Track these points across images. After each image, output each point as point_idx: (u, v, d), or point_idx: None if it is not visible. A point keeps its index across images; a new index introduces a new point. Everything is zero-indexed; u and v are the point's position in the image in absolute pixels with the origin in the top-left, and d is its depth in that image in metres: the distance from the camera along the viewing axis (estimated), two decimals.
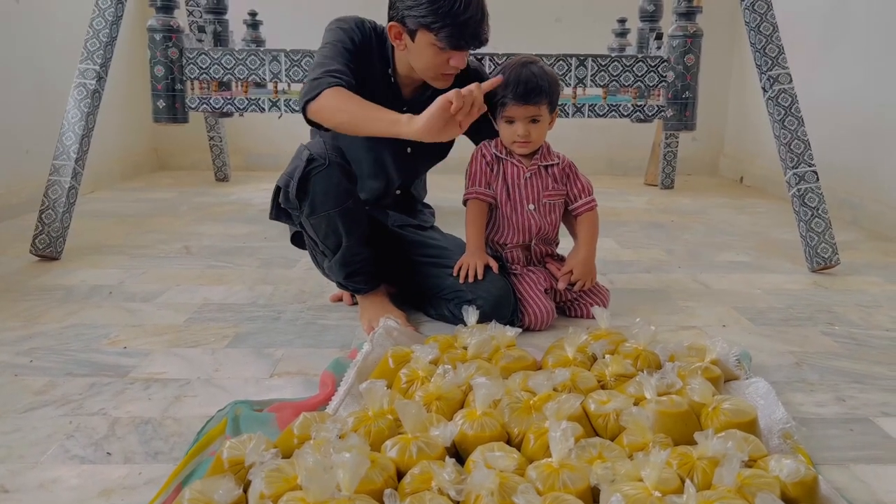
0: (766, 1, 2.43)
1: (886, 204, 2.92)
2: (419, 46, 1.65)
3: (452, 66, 1.67)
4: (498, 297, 1.72)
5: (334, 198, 1.65)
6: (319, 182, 1.63)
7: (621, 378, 1.34)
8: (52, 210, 2.35)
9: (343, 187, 1.66)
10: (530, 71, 1.74)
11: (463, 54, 1.67)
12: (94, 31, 2.46)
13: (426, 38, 1.62)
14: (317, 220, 1.67)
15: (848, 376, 1.54)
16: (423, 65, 1.68)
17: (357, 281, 1.79)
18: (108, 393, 1.40)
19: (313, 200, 1.65)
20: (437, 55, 1.64)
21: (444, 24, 1.58)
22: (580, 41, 3.96)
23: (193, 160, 4.49)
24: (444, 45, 1.61)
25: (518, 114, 1.75)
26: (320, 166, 1.63)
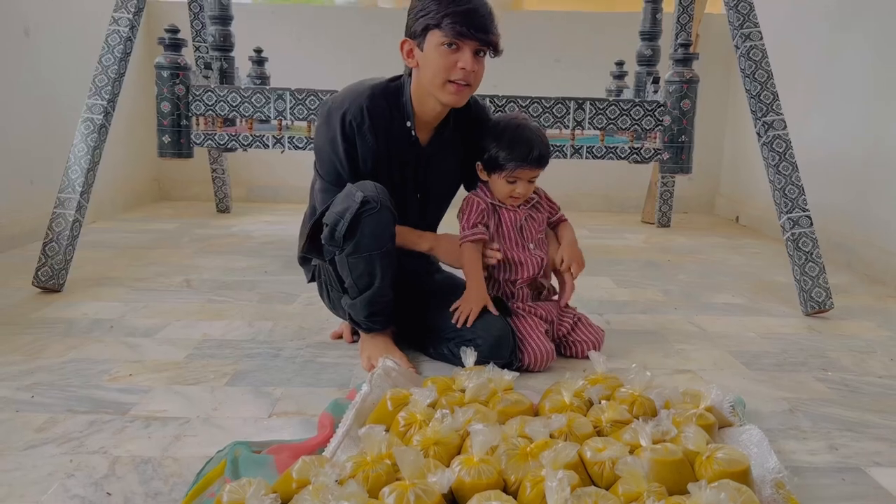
0: (760, 49, 2.49)
1: (879, 248, 2.96)
2: (427, 52, 1.67)
3: (460, 70, 1.66)
4: (497, 338, 1.74)
5: (380, 240, 1.68)
6: (370, 224, 1.65)
7: (617, 424, 1.36)
8: (55, 243, 2.38)
9: (389, 231, 1.69)
10: (534, 134, 1.81)
11: (470, 55, 1.66)
12: (103, 67, 2.51)
13: (434, 38, 1.64)
14: (356, 259, 1.69)
15: (840, 424, 1.56)
16: (431, 72, 1.67)
17: (376, 321, 1.81)
18: (108, 431, 1.41)
19: (360, 241, 1.67)
20: (444, 56, 1.65)
21: (446, 12, 1.61)
22: (579, 81, 4.05)
23: (195, 191, 4.53)
24: (450, 35, 1.62)
25: (525, 176, 1.82)
26: (372, 209, 1.64)
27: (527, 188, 1.84)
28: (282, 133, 2.70)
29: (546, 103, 2.67)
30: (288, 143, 2.69)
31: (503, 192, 1.85)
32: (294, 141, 2.69)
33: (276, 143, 2.70)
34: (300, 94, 2.65)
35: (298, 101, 2.65)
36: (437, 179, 1.90)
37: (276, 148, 2.71)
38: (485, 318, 1.78)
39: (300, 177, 4.49)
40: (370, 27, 4.37)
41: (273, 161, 4.47)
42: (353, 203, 1.64)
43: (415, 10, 1.68)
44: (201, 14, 3.52)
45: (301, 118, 2.67)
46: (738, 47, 2.51)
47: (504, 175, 1.82)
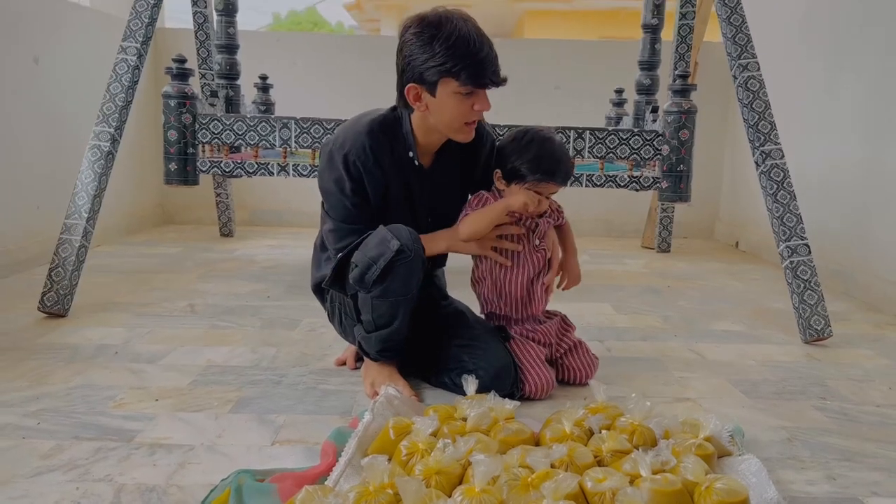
0: (758, 79, 2.53)
1: (877, 275, 2.98)
2: (441, 99, 1.68)
3: (476, 111, 1.70)
4: (498, 369, 1.76)
5: (408, 287, 1.71)
6: (402, 272, 1.67)
7: (617, 454, 1.38)
8: (61, 268, 2.41)
9: (418, 278, 1.72)
10: (561, 151, 1.83)
11: (485, 96, 1.70)
12: (111, 96, 2.56)
13: (448, 87, 1.65)
14: (381, 301, 1.71)
15: (839, 453, 1.57)
16: (448, 117, 1.70)
17: (386, 355, 1.83)
18: (114, 458, 1.43)
19: (389, 286, 1.68)
20: (461, 102, 1.67)
21: (464, 64, 1.62)
22: (579, 109, 4.11)
23: (198, 215, 4.57)
24: (468, 85, 1.64)
25: (548, 191, 1.83)
26: (406, 257, 1.66)
27: (545, 202, 1.85)
28: (286, 160, 2.74)
29: None
30: (293, 170, 2.73)
31: (526, 206, 1.82)
32: (298, 168, 2.73)
33: (280, 170, 2.73)
34: (305, 122, 2.69)
35: (303, 130, 2.69)
36: (443, 200, 1.91)
37: (280, 175, 2.75)
38: (486, 349, 1.80)
39: (303, 201, 4.55)
40: (373, 54, 4.43)
41: (276, 185, 4.52)
42: (387, 250, 1.64)
43: (418, 58, 1.65)
44: (207, 42, 3.58)
45: (305, 146, 2.71)
46: (736, 77, 2.56)
47: (526, 187, 1.81)
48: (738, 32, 2.58)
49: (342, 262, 1.76)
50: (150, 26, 2.62)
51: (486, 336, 1.86)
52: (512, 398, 1.63)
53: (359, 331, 1.83)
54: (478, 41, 1.64)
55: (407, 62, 1.69)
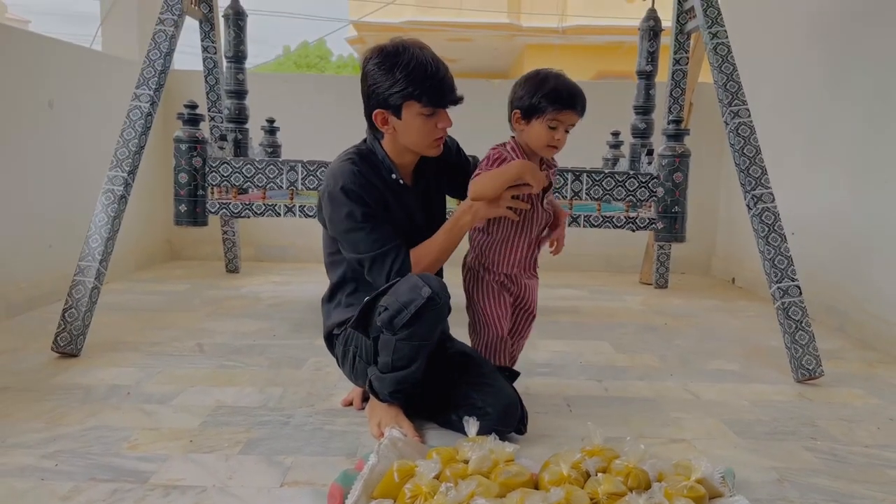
0: (749, 125, 2.63)
1: (870, 313, 3.05)
2: (407, 121, 1.82)
3: (441, 129, 1.84)
4: (507, 406, 1.83)
5: (434, 333, 1.79)
6: (431, 319, 1.73)
7: (613, 496, 1.44)
8: (74, 309, 2.48)
9: (443, 325, 1.84)
10: (575, 84, 1.90)
11: (446, 115, 1.85)
12: (125, 141, 2.65)
13: (412, 109, 1.80)
14: (405, 344, 1.76)
15: (827, 495, 1.63)
16: (415, 137, 1.84)
17: (397, 397, 1.88)
18: (130, 500, 1.49)
19: (416, 331, 1.74)
20: (425, 123, 1.82)
21: (423, 88, 1.77)
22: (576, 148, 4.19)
23: (205, 251, 4.66)
24: (429, 106, 1.78)
25: (567, 121, 1.88)
26: (435, 305, 1.72)
27: (564, 137, 1.90)
28: (293, 202, 2.83)
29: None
30: (299, 211, 2.82)
31: (542, 139, 1.89)
32: (305, 209, 2.82)
33: (287, 211, 2.82)
34: (311, 165, 2.78)
35: (310, 172, 2.79)
36: (436, 210, 2.06)
37: (287, 216, 2.83)
38: (495, 387, 1.87)
39: (308, 237, 4.64)
40: None
41: (281, 222, 4.61)
42: (418, 297, 1.70)
43: (382, 84, 1.79)
44: (217, 87, 3.69)
45: (312, 188, 2.80)
46: (728, 123, 2.65)
47: (546, 119, 1.86)
48: (729, 80, 2.68)
49: (368, 306, 1.83)
50: (162, 74, 2.73)
51: (494, 375, 1.93)
52: (519, 433, 1.77)
53: (373, 371, 1.88)
54: (434, 66, 1.79)
55: (371, 90, 1.82)
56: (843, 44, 3.37)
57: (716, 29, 2.74)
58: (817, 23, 3.59)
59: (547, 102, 1.86)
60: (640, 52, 3.47)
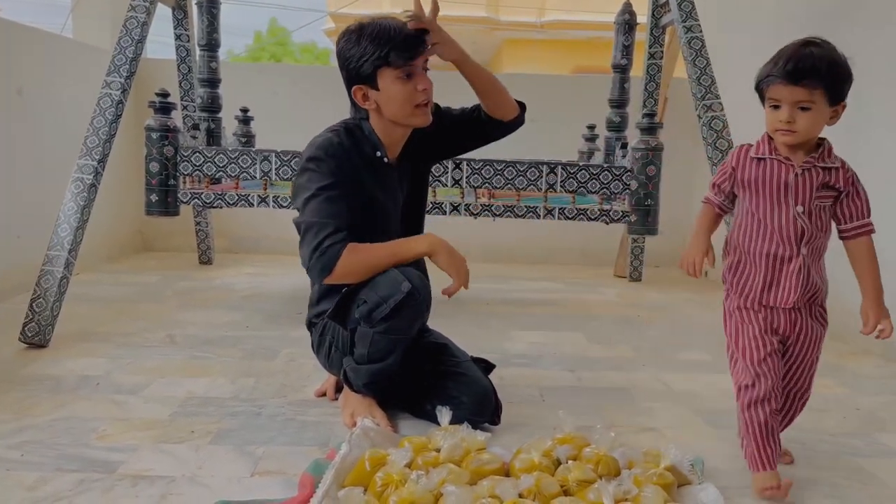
0: (721, 119, 2.67)
1: (841, 307, 3.09)
2: (385, 90, 1.79)
3: (422, 91, 1.80)
4: (481, 396, 1.84)
5: (412, 328, 1.79)
6: (410, 314, 1.73)
7: (583, 483, 1.45)
8: (43, 299, 2.44)
9: (422, 321, 1.82)
10: (808, 51, 1.54)
11: (423, 74, 1.81)
12: (94, 129, 2.61)
13: (386, 76, 1.78)
14: (383, 337, 1.75)
15: (795, 482, 1.64)
16: (397, 106, 1.81)
17: (372, 387, 1.87)
18: (97, 490, 1.47)
19: (395, 325, 1.73)
20: (404, 87, 1.78)
21: (390, 47, 1.74)
22: (553, 142, 4.21)
23: (178, 242, 4.60)
24: (401, 64, 1.75)
25: (783, 96, 1.56)
26: (415, 300, 1.71)
27: (792, 115, 1.56)
28: (267, 192, 2.81)
29: (520, 167, 2.81)
30: (273, 201, 2.80)
31: (769, 121, 1.62)
32: (279, 200, 2.80)
33: (261, 202, 2.80)
34: (285, 155, 2.76)
35: (283, 163, 2.77)
36: (413, 189, 2.01)
37: (261, 206, 2.81)
38: (469, 378, 1.87)
39: (282, 228, 4.57)
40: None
41: (255, 213, 4.55)
42: (398, 292, 1.68)
43: (353, 58, 1.78)
44: (190, 75, 3.65)
45: (286, 178, 2.78)
46: (701, 117, 2.68)
47: (768, 99, 1.62)
48: (703, 74, 2.70)
49: (346, 297, 1.81)
50: (133, 62, 2.69)
51: (469, 365, 1.94)
52: (493, 424, 1.78)
53: (348, 361, 1.87)
54: (397, 26, 1.77)
55: (345, 66, 1.82)
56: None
57: (690, 23, 2.77)
58: (791, 20, 3.63)
59: (760, 80, 1.67)
60: (616, 45, 3.48)
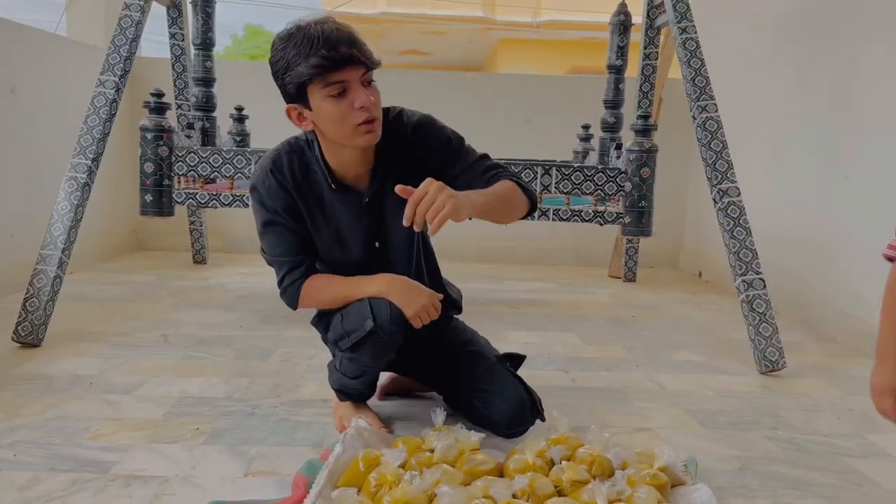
0: (716, 120, 2.66)
1: (833, 307, 3.11)
2: (317, 109, 1.55)
3: (360, 109, 1.53)
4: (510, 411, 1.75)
5: (377, 362, 1.74)
6: (371, 349, 1.66)
7: (577, 484, 1.45)
8: (36, 298, 2.43)
9: (390, 355, 1.72)
10: None
11: (360, 88, 1.54)
12: (88, 128, 2.60)
13: (315, 93, 1.53)
14: (351, 362, 1.73)
15: (787, 482, 1.66)
16: (333, 127, 1.56)
17: (339, 395, 1.88)
18: (90, 490, 1.47)
19: (359, 357, 1.69)
20: (337, 106, 1.53)
21: (309, 62, 1.48)
22: (548, 141, 4.22)
23: (172, 242, 4.60)
24: (323, 78, 1.49)
25: None
26: (378, 339, 1.62)
27: None
28: None
29: (515, 167, 2.80)
30: None
31: None
32: None
33: None
34: None
35: None
36: (390, 223, 1.74)
37: None
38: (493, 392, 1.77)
39: None
40: None
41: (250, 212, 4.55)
42: (360, 329, 1.62)
43: (279, 72, 1.55)
44: (184, 74, 3.64)
45: None
46: (695, 118, 2.68)
47: None
48: (697, 75, 2.71)
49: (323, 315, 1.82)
50: (128, 60, 2.68)
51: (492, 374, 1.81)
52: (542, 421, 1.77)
53: (336, 366, 1.84)
54: (323, 32, 1.49)
55: (277, 83, 1.59)
56: (809, 44, 3.42)
57: (685, 24, 2.77)
58: (784, 21, 3.64)
59: None
60: (611, 46, 3.49)
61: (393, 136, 1.67)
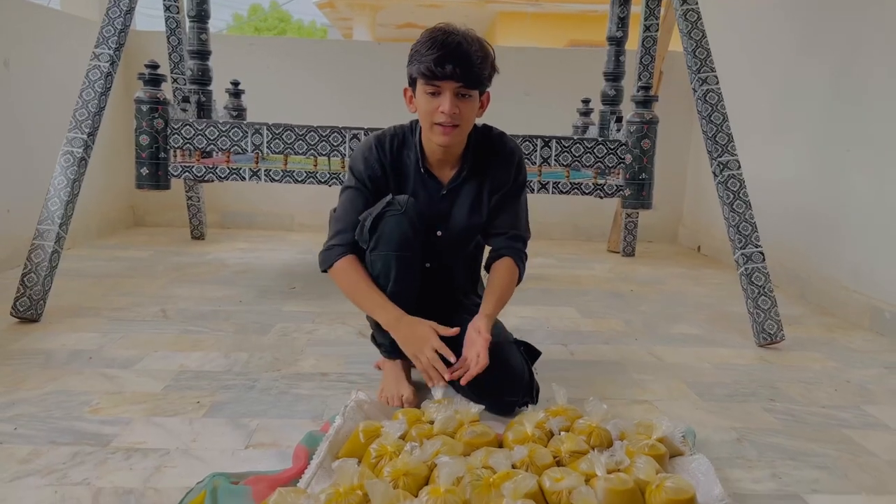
0: (717, 92, 2.64)
1: (830, 281, 3.11)
2: (417, 99, 1.80)
3: (440, 113, 1.74)
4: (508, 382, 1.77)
5: (396, 242, 1.79)
6: (389, 223, 1.78)
7: (575, 454, 1.45)
8: (34, 273, 2.42)
9: (406, 236, 1.79)
10: None
11: (450, 98, 1.72)
12: (84, 102, 2.58)
13: (420, 86, 1.76)
14: (376, 255, 1.81)
15: (784, 453, 1.67)
16: (422, 117, 1.81)
17: (383, 336, 1.87)
18: (90, 462, 1.47)
19: (380, 237, 1.79)
20: (428, 102, 1.75)
21: (422, 61, 1.71)
22: (547, 115, 4.19)
23: (169, 217, 4.58)
24: (424, 78, 1.72)
25: None
26: (396, 212, 1.78)
27: None
28: (258, 166, 2.78)
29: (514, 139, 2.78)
30: (265, 175, 2.77)
31: None
32: (270, 173, 2.77)
33: (252, 175, 2.78)
34: (277, 128, 2.74)
35: (275, 136, 2.74)
36: (456, 217, 1.93)
37: (252, 180, 2.79)
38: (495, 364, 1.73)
39: (274, 204, 4.59)
40: (345, 60, 4.48)
41: (247, 188, 4.54)
42: (381, 205, 1.80)
43: (409, 60, 1.78)
44: (179, 47, 3.60)
45: (277, 152, 2.75)
46: (696, 90, 2.66)
47: None
48: (698, 47, 2.68)
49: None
50: (122, 33, 2.65)
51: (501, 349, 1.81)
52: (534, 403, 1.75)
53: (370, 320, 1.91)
54: (440, 41, 1.71)
55: None
56: (811, 17, 3.39)
57: None
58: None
59: None
60: (611, 17, 3.45)
61: (484, 148, 1.93)
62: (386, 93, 3.69)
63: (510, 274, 1.92)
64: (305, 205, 4.48)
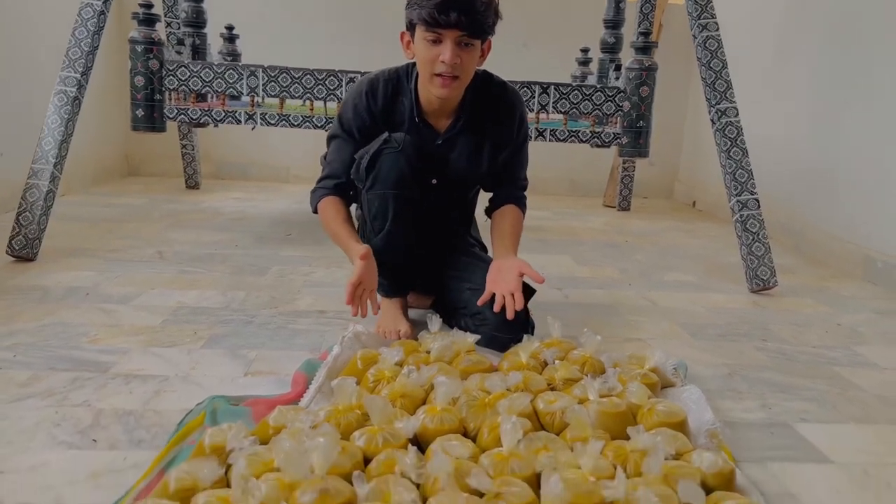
0: (716, 39, 2.62)
1: (824, 232, 3.13)
2: (416, 46, 1.73)
3: (441, 63, 1.68)
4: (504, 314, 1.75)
5: (393, 180, 1.78)
6: (386, 161, 1.77)
7: (569, 382, 1.47)
8: (29, 212, 2.42)
9: (403, 174, 1.78)
10: None
11: (451, 46, 1.66)
12: (77, 41, 2.54)
13: (418, 33, 1.69)
14: (373, 195, 1.81)
15: (774, 387, 1.69)
16: (420, 66, 1.74)
17: (383, 275, 1.85)
18: (90, 387, 1.49)
19: (377, 175, 1.78)
20: (428, 50, 1.68)
21: (421, 4, 1.64)
22: (545, 66, 4.15)
23: (164, 167, 4.55)
24: (425, 25, 1.64)
25: None
26: (392, 149, 1.77)
27: None
28: (254, 109, 2.76)
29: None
30: (261, 118, 2.75)
31: None
32: (266, 117, 2.75)
33: (248, 118, 2.76)
34: (272, 70, 2.71)
35: (271, 78, 2.71)
36: (453, 166, 1.90)
37: (248, 123, 2.77)
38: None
39: (269, 155, 4.57)
40: (342, 3, 4.41)
41: (243, 138, 4.50)
42: (377, 142, 1.78)
43: (407, 3, 1.72)
44: None
45: (273, 95, 2.73)
46: (696, 37, 2.64)
47: None
48: None
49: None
50: None
51: None
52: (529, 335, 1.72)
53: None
54: None
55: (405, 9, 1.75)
56: None
57: None
58: None
59: None
60: None
61: (483, 99, 1.88)
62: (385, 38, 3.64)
63: (519, 220, 1.98)
64: (302, 158, 4.45)
